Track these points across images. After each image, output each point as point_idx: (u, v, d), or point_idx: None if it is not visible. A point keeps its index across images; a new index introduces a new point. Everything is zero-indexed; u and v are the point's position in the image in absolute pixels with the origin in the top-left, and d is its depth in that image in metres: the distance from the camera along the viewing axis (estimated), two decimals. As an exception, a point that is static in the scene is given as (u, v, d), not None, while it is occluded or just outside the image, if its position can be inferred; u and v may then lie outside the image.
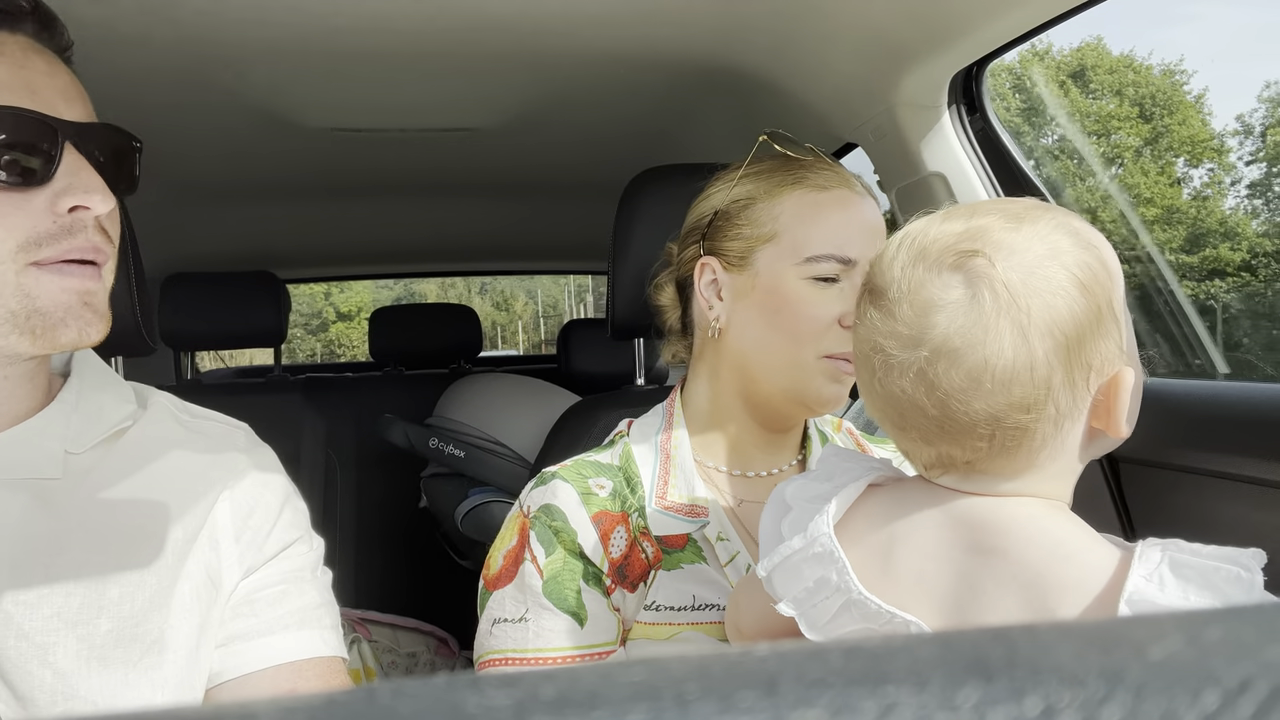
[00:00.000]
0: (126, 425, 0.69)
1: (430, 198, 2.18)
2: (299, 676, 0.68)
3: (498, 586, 0.80)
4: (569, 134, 1.71)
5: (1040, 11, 1.01)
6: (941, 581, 0.55)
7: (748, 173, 0.85)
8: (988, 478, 0.55)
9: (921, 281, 0.53)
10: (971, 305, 0.51)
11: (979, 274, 0.51)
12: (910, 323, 0.53)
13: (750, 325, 0.83)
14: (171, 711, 0.15)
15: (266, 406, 1.93)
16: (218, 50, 1.22)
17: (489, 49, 1.26)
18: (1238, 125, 29.64)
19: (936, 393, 0.52)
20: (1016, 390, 0.50)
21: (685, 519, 0.81)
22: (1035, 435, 0.52)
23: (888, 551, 0.57)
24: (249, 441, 0.76)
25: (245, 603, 0.68)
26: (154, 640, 0.62)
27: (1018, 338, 0.50)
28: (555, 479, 0.82)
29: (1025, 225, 0.53)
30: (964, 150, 1.26)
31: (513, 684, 0.15)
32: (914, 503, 0.58)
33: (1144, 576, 0.47)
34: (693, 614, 0.79)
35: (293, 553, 0.72)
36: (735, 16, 1.19)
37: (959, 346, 0.51)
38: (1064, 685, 0.15)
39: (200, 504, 0.68)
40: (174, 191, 1.90)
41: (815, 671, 0.15)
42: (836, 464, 0.64)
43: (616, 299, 1.17)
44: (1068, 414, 0.52)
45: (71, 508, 0.63)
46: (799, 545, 0.59)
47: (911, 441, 0.56)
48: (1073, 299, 0.51)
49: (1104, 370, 0.52)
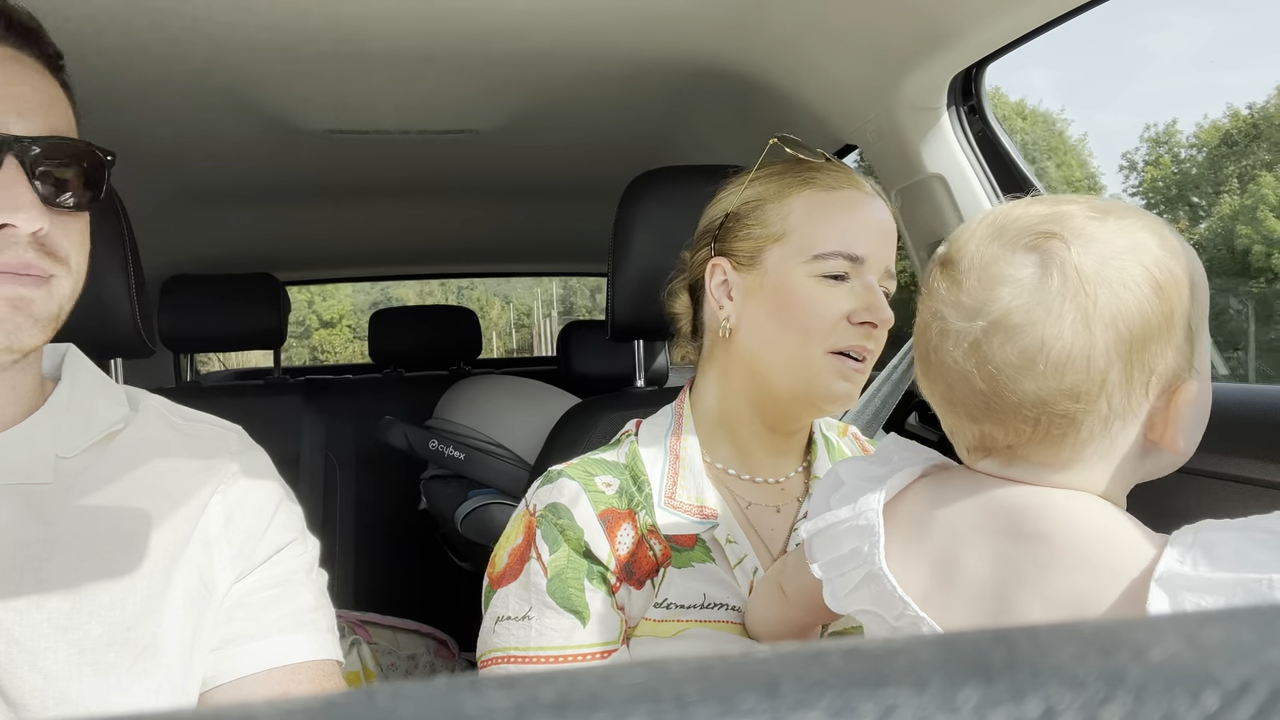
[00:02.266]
0: (118, 428, 0.69)
1: (430, 200, 2.18)
2: (293, 680, 0.68)
3: (502, 584, 0.80)
4: (568, 136, 1.71)
5: (1039, 14, 1.01)
6: (980, 568, 0.54)
7: (758, 176, 0.87)
8: (1029, 466, 0.54)
9: (995, 256, 0.52)
10: (1039, 284, 0.50)
11: (1053, 255, 0.50)
12: (974, 293, 0.52)
13: (760, 323, 0.83)
14: (172, 714, 0.15)
15: (266, 408, 1.93)
16: (218, 54, 1.22)
17: (489, 52, 1.26)
18: (1123, 161, 34.50)
19: (988, 366, 0.51)
20: (1070, 376, 0.49)
21: (694, 520, 0.81)
22: (1082, 429, 0.51)
23: (922, 536, 0.57)
24: (241, 444, 0.75)
25: (239, 606, 0.68)
26: (147, 645, 0.62)
27: (1079, 323, 0.49)
28: (562, 477, 0.82)
29: (1111, 218, 0.52)
30: (963, 152, 1.27)
31: (512, 686, 0.15)
32: (956, 489, 0.58)
33: (1176, 559, 0.46)
34: (702, 612, 0.79)
35: (286, 555, 0.72)
36: (735, 19, 1.19)
37: (1018, 323, 0.50)
38: (1064, 686, 0.15)
39: (191, 507, 0.68)
40: (174, 194, 1.90)
41: (815, 673, 0.15)
42: (894, 450, 0.64)
43: (616, 301, 1.17)
44: (1120, 414, 0.51)
45: (61, 513, 0.63)
46: (845, 515, 0.60)
47: (957, 418, 0.56)
48: (1144, 296, 0.49)
49: (1166, 379, 0.51)
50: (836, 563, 0.61)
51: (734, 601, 0.80)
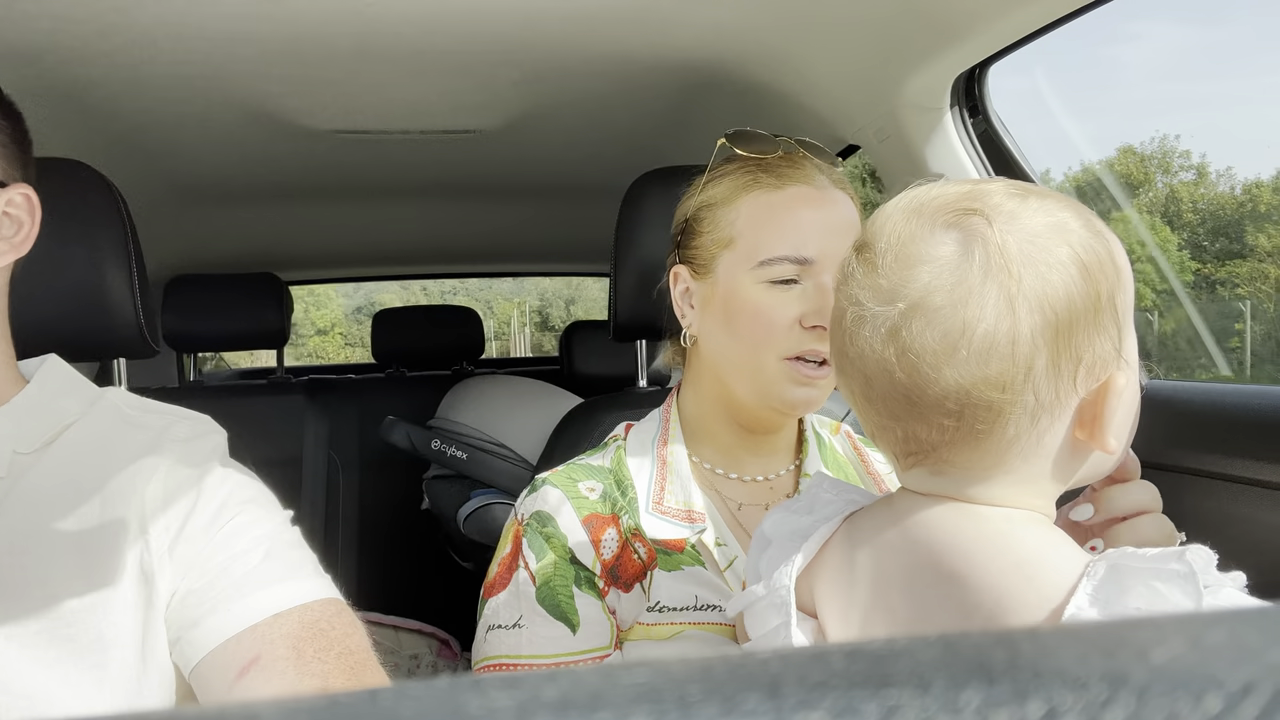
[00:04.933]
0: (70, 422, 0.69)
1: (432, 200, 2.18)
2: (265, 639, 0.62)
3: (493, 593, 0.80)
4: (571, 136, 1.71)
5: (1042, 13, 1.01)
6: (904, 614, 0.51)
7: (712, 177, 0.84)
8: (956, 473, 0.50)
9: (913, 235, 0.49)
10: (960, 263, 0.47)
11: (974, 232, 0.47)
12: (892, 275, 0.49)
13: (715, 333, 0.82)
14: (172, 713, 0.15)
15: (269, 408, 1.93)
16: (221, 53, 1.22)
17: (492, 52, 1.26)
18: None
19: (908, 355, 0.47)
20: (994, 363, 0.46)
21: (682, 524, 0.81)
22: (1008, 422, 0.47)
23: (851, 586, 0.55)
24: (191, 431, 0.73)
25: (190, 592, 0.65)
26: (93, 640, 0.61)
27: (1003, 305, 0.46)
28: (545, 485, 0.82)
29: (1033, 198, 0.49)
30: (966, 152, 1.26)
31: (515, 685, 0.15)
32: (881, 526, 0.55)
33: (1087, 594, 0.44)
34: (696, 614, 0.79)
35: (234, 529, 0.67)
36: (738, 19, 1.19)
37: (939, 305, 0.47)
38: (1067, 688, 0.15)
39: (129, 499, 0.66)
40: (177, 194, 1.90)
41: (818, 674, 0.15)
42: (818, 495, 0.61)
43: (619, 301, 1.17)
44: (1047, 408, 0.47)
45: (5, 509, 0.63)
46: (762, 593, 0.58)
47: (879, 416, 0.52)
48: (1071, 278, 0.46)
49: (1095, 369, 0.48)
50: (766, 638, 0.59)
51: (726, 604, 0.79)
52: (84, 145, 1.38)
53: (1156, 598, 0.42)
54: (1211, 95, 72.36)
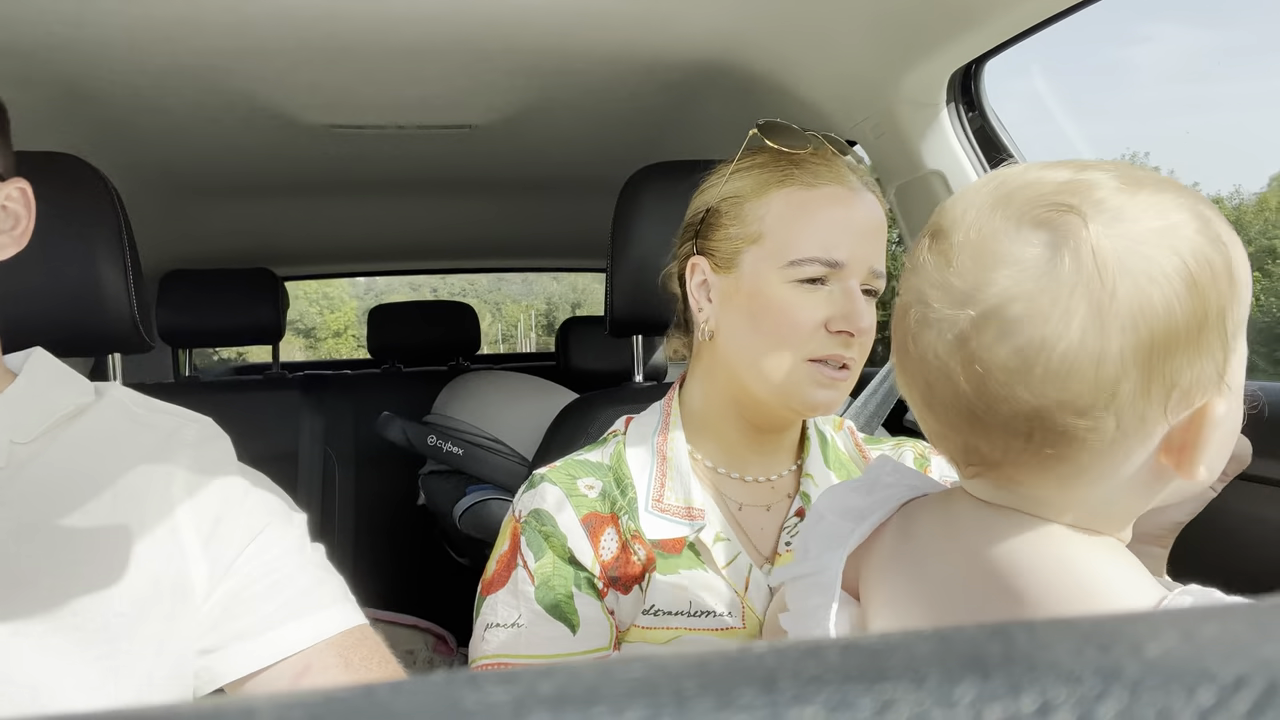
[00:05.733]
0: (74, 413, 0.69)
1: (428, 195, 2.18)
2: (312, 663, 0.68)
3: (491, 591, 0.80)
4: (567, 131, 1.71)
5: (1038, 9, 1.01)
6: (957, 618, 0.48)
7: (739, 168, 0.82)
8: (1022, 490, 0.46)
9: (995, 230, 0.43)
10: (1047, 269, 0.41)
11: (1067, 233, 0.41)
12: (966, 274, 0.43)
13: (736, 329, 0.80)
14: (171, 710, 0.15)
15: (264, 404, 1.93)
16: (216, 48, 1.21)
17: (488, 46, 1.26)
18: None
19: (975, 366, 0.42)
20: (1074, 386, 0.40)
21: (681, 521, 0.80)
22: (1082, 449, 0.42)
23: (901, 579, 0.52)
24: (200, 435, 0.74)
25: (237, 602, 0.68)
26: (98, 630, 0.61)
27: (1091, 321, 0.40)
28: (544, 482, 0.81)
29: (1145, 191, 0.42)
30: (963, 148, 1.27)
31: (511, 681, 0.15)
32: (938, 524, 0.51)
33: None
34: (689, 620, 0.78)
35: (269, 539, 0.70)
36: (735, 13, 1.19)
37: (1017, 315, 0.41)
38: (1060, 681, 0.15)
39: (147, 497, 0.67)
40: (172, 188, 1.90)
41: (813, 668, 0.15)
42: (879, 476, 0.57)
43: (615, 296, 1.17)
44: (1131, 434, 0.42)
45: (6, 497, 0.63)
46: (809, 570, 0.56)
47: (939, 424, 0.47)
48: (1174, 292, 0.40)
49: (1191, 394, 0.42)
50: (804, 616, 0.56)
51: (722, 608, 0.78)
52: (79, 139, 1.38)
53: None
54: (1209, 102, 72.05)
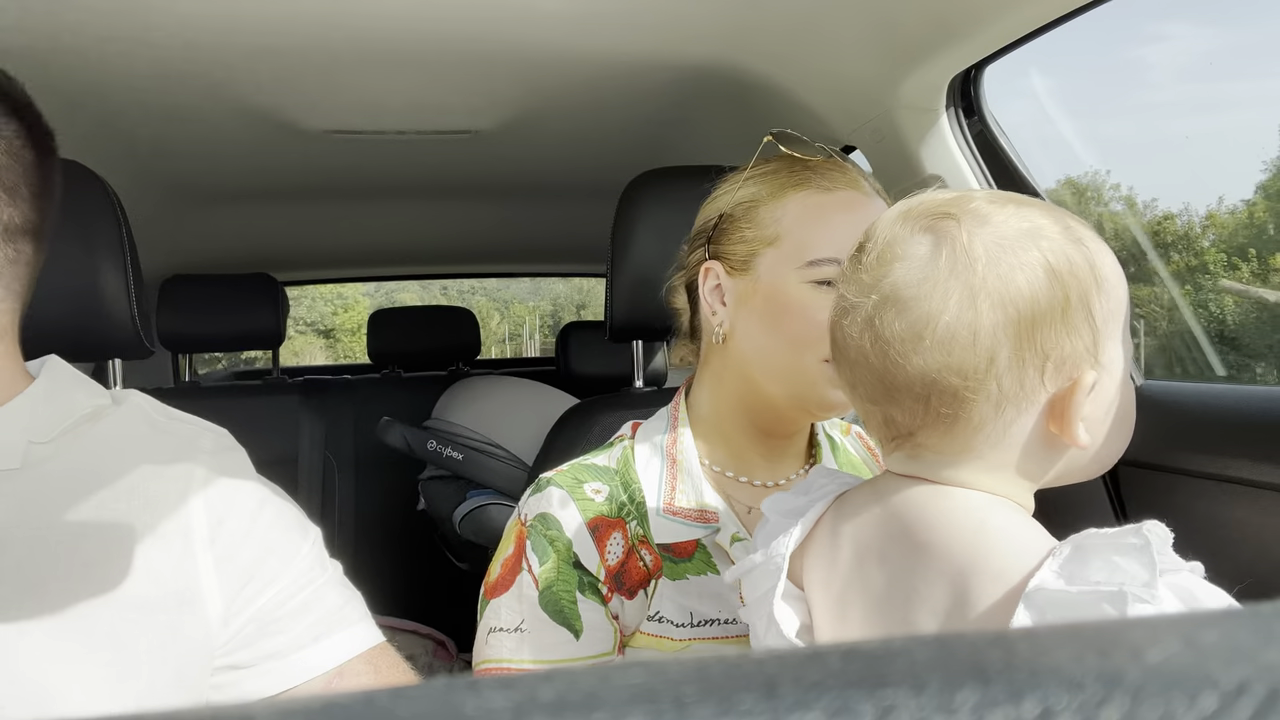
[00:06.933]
0: (93, 415, 0.69)
1: (428, 200, 2.18)
2: (342, 680, 0.70)
3: (496, 595, 0.79)
4: (567, 136, 1.71)
5: (1039, 14, 1.01)
6: (878, 585, 0.55)
7: (753, 174, 0.84)
8: (931, 457, 0.54)
9: (895, 237, 0.53)
10: (930, 261, 0.51)
11: (945, 235, 0.51)
12: (872, 270, 0.54)
13: (753, 331, 0.81)
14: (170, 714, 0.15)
15: (264, 409, 1.93)
16: (216, 53, 1.22)
17: (488, 52, 1.26)
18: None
19: (880, 342, 0.52)
20: (956, 352, 0.50)
21: (695, 524, 0.79)
22: (971, 409, 0.51)
23: (834, 558, 0.59)
24: (217, 445, 0.74)
25: (272, 620, 0.68)
26: (104, 635, 0.61)
27: (965, 300, 0.50)
28: (550, 485, 0.81)
29: (1011, 205, 0.53)
30: (962, 153, 1.27)
31: (511, 686, 0.15)
32: (864, 503, 0.58)
33: (1053, 570, 0.46)
34: (693, 630, 0.78)
35: (293, 555, 0.71)
36: (735, 19, 1.19)
37: (907, 297, 0.51)
38: (1062, 688, 0.15)
39: (164, 504, 0.67)
40: (172, 194, 1.90)
41: (814, 674, 0.15)
42: (813, 480, 0.65)
43: (615, 301, 1.17)
44: (1012, 399, 0.51)
45: (22, 499, 0.63)
46: (760, 560, 0.62)
47: (862, 402, 0.57)
48: (1035, 278, 0.50)
49: (1065, 367, 0.51)
50: (756, 603, 0.63)
51: (727, 615, 0.78)
52: (79, 145, 1.38)
53: (1115, 570, 0.44)
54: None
